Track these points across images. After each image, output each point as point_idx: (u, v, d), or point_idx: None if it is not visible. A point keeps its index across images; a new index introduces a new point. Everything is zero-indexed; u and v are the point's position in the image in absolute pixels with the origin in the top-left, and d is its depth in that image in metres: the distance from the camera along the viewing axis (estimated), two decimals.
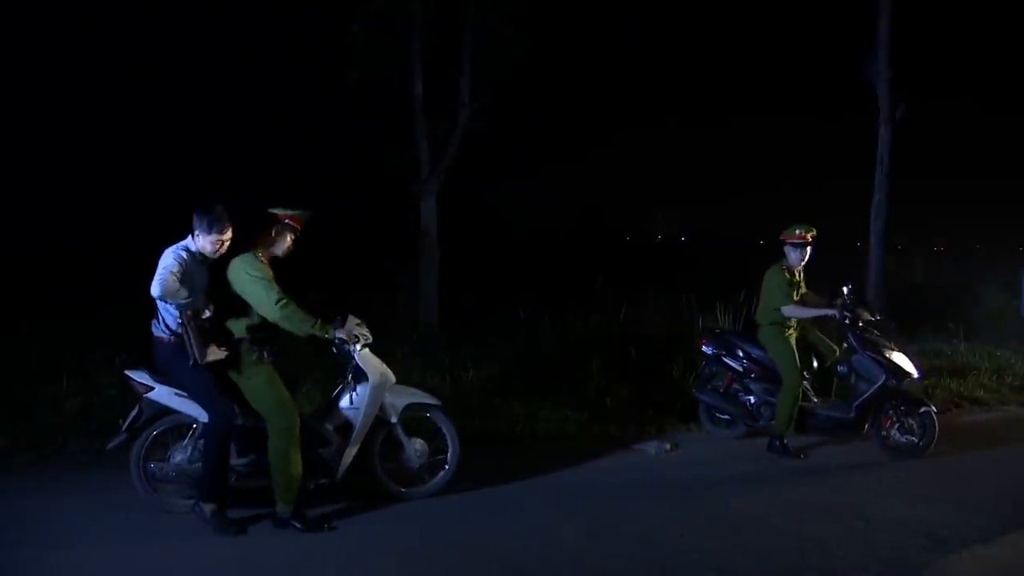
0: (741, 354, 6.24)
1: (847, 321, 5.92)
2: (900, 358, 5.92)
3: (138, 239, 4.33)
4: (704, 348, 6.48)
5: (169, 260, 4.16)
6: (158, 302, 4.23)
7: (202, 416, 4.33)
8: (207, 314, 4.22)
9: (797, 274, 6.13)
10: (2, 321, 7.65)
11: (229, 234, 4.31)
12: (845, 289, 6.08)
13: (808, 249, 6.05)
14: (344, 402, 4.69)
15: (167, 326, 4.26)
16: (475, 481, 5.13)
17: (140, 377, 4.40)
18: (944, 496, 5.07)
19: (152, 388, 4.37)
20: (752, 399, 6.21)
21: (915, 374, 5.97)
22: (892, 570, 4.01)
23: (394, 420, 4.79)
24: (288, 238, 4.53)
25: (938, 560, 4.12)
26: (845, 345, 6.09)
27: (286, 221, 4.49)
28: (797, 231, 6.02)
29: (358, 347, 4.63)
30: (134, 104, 15.87)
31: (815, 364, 6.16)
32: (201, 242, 4.29)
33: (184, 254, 4.23)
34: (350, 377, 4.69)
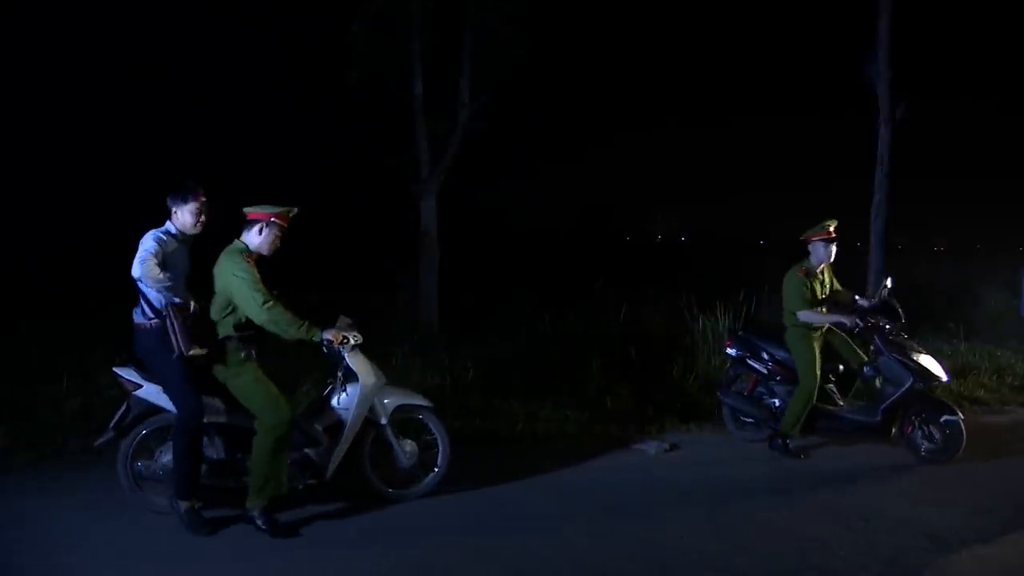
0: (766, 356, 6.16)
1: (856, 331, 5.86)
2: (928, 361, 5.80)
3: (138, 239, 4.31)
4: (728, 350, 6.42)
5: (149, 243, 4.17)
6: (140, 286, 4.23)
7: None
8: (192, 309, 4.23)
9: (820, 273, 6.03)
10: (2, 321, 7.66)
11: (204, 199, 4.35)
12: (860, 300, 6.04)
13: (835, 244, 5.97)
14: (334, 402, 4.67)
15: (150, 308, 4.23)
16: (475, 481, 5.12)
17: (128, 374, 4.38)
18: (946, 497, 5.07)
19: (140, 386, 4.35)
20: (776, 402, 6.14)
21: (944, 377, 5.84)
22: (893, 570, 4.01)
23: (384, 421, 4.76)
24: (275, 236, 4.49)
25: (939, 560, 4.12)
26: (872, 347, 6.00)
27: (272, 219, 4.45)
28: (826, 226, 5.95)
29: (348, 347, 4.60)
30: (134, 104, 15.87)
31: (840, 367, 6.06)
32: (182, 217, 4.32)
33: (164, 236, 4.25)
34: (340, 377, 4.67)
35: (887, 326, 5.85)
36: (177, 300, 4.20)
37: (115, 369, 4.45)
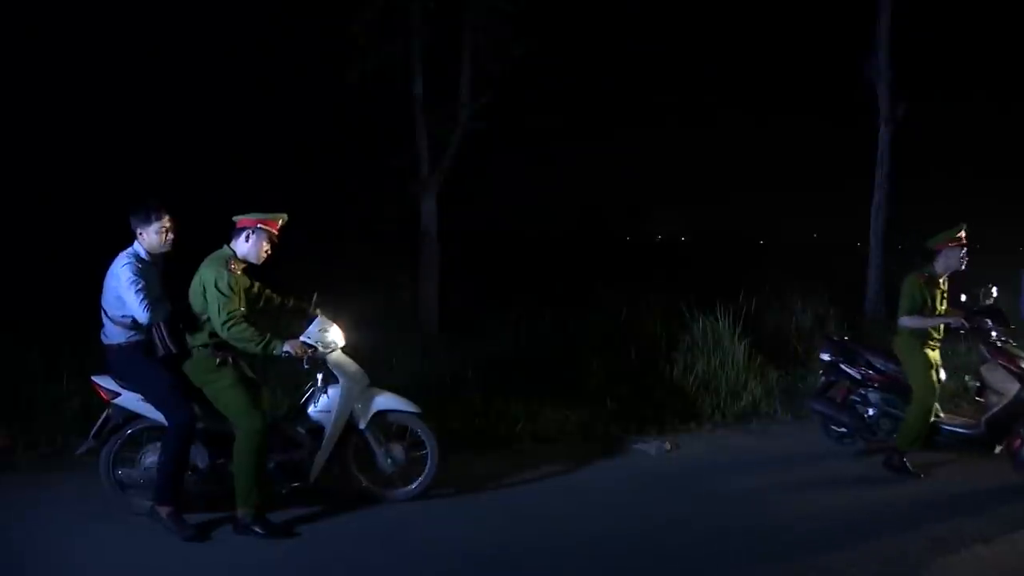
0: (862, 362, 5.82)
1: (961, 332, 5.56)
2: None
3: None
4: (822, 355, 6.08)
5: (128, 275, 4.13)
6: (104, 310, 4.24)
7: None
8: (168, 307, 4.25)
9: (942, 283, 5.60)
10: (2, 321, 7.65)
11: (168, 219, 4.29)
12: (968, 300, 5.71)
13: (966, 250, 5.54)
14: (315, 405, 4.63)
15: (116, 327, 4.23)
16: (474, 481, 5.13)
17: (106, 383, 4.36)
18: (946, 497, 5.07)
19: (119, 394, 4.34)
20: (871, 411, 5.79)
21: None
22: (893, 569, 4.01)
23: (362, 426, 4.69)
24: (263, 244, 4.44)
25: (938, 560, 4.12)
26: (977, 355, 5.71)
27: (258, 226, 4.41)
28: (957, 231, 5.48)
29: (328, 352, 4.55)
30: (132, 103, 15.86)
31: (943, 376, 5.70)
32: (148, 238, 4.26)
33: (136, 262, 4.20)
34: (320, 380, 4.60)
35: (993, 331, 5.45)
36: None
37: (93, 377, 4.43)
